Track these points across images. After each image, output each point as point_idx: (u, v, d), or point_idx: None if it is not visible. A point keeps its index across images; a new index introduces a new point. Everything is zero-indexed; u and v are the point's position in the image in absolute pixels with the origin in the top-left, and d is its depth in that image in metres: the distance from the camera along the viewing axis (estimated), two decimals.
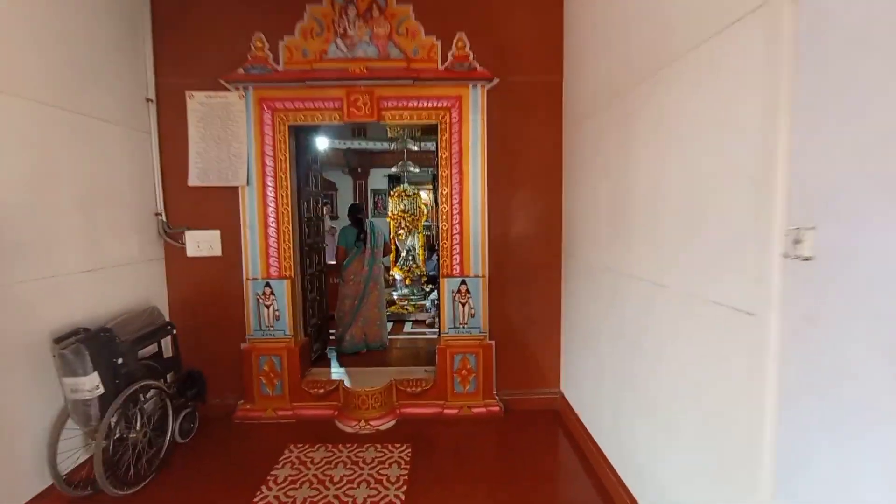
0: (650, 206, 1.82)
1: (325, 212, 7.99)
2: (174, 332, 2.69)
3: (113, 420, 2.13)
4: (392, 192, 6.63)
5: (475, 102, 2.95)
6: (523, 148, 3.02)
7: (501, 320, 3.12)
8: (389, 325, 5.08)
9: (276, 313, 3.03)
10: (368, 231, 4.07)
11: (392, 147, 6.73)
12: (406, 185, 6.57)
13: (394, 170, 7.04)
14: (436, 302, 6.06)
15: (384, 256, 4.39)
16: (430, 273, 7.55)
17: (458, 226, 3.03)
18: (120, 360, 2.21)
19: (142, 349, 2.46)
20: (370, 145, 9.18)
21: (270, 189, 2.98)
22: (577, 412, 2.81)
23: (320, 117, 2.96)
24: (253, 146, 2.93)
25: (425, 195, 9.07)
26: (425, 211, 7.96)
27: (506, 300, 3.11)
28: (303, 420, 3.01)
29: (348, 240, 4.07)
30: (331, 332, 4.14)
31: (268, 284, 3.01)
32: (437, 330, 5.26)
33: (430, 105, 2.95)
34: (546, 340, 3.15)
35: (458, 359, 3.05)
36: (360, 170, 9.88)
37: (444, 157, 3.00)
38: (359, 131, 6.51)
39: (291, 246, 3.06)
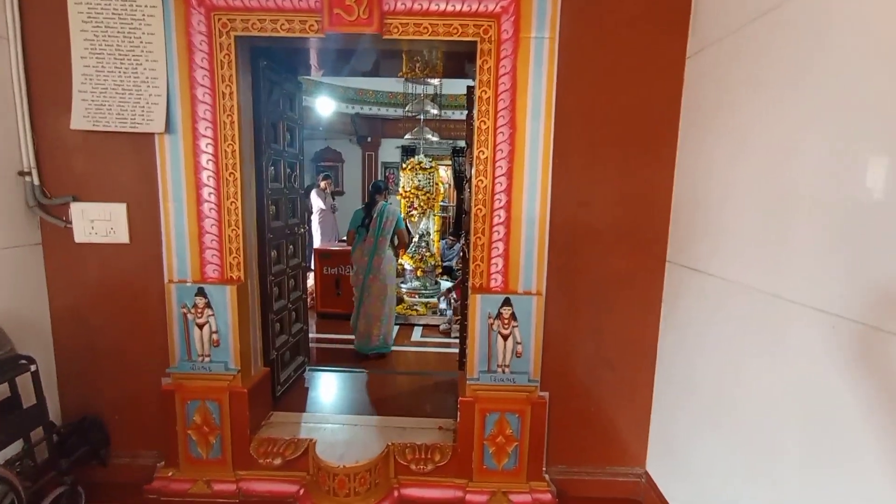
0: None
1: (325, 186, 6.95)
2: (33, 368, 1.64)
3: None
4: (405, 165, 5.46)
5: (541, 8, 1.78)
6: (613, 87, 1.84)
7: (561, 361, 2.00)
8: (396, 328, 4.12)
9: (215, 336, 1.96)
10: (375, 216, 3.53)
11: (407, 111, 5.55)
12: (422, 156, 5.40)
13: (407, 137, 5.86)
14: (452, 302, 4.99)
15: (400, 249, 3.71)
16: (446, 264, 6.46)
17: (502, 211, 1.89)
18: None
19: None
20: (381, 111, 8.01)
21: (207, 141, 1.87)
22: None
23: (287, 25, 1.81)
24: (176, 69, 1.81)
25: (443, 172, 7.90)
26: (442, 189, 6.83)
27: (569, 330, 1.99)
28: (252, 500, 1.97)
29: (355, 222, 3.62)
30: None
31: (201, 292, 1.93)
32: (452, 339, 4.24)
33: (465, 8, 1.79)
34: (630, 394, 2.03)
35: (491, 419, 1.96)
36: (369, 139, 8.70)
37: (484, 98, 1.84)
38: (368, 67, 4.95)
39: (242, 232, 1.96)
